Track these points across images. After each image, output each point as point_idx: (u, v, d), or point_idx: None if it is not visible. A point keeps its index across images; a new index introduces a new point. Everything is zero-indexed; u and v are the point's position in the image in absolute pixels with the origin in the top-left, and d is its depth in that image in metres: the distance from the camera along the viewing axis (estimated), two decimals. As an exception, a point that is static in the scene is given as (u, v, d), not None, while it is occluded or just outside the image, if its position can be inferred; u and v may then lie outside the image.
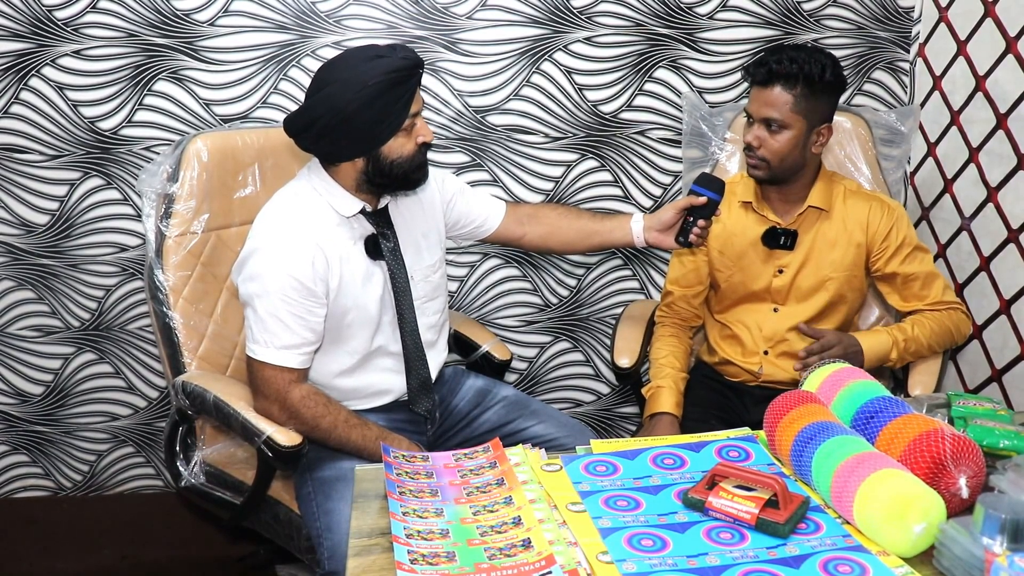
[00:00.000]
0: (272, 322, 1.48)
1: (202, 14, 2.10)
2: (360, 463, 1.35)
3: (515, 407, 1.74)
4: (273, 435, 1.46)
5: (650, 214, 1.78)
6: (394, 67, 1.45)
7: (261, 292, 1.49)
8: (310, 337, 1.52)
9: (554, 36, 2.22)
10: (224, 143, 1.77)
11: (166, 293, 1.68)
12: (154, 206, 1.70)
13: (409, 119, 1.50)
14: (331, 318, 1.55)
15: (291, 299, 1.48)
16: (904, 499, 1.03)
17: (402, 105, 1.48)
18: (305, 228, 1.51)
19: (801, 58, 1.68)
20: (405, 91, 1.47)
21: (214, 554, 2.27)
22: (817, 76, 1.68)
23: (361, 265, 1.57)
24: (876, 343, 1.76)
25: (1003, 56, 1.99)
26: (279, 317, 1.48)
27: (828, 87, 1.71)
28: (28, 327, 2.23)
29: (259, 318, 1.49)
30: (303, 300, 1.49)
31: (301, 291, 1.48)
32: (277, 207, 1.56)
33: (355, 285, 1.56)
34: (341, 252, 1.54)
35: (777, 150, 1.72)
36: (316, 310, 1.51)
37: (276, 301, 1.47)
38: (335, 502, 1.45)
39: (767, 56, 1.72)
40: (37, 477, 2.34)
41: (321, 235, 1.52)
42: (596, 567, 1.01)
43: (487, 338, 1.97)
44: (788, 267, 1.84)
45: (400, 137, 1.51)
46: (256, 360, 1.51)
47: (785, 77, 1.68)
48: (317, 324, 1.52)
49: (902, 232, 1.80)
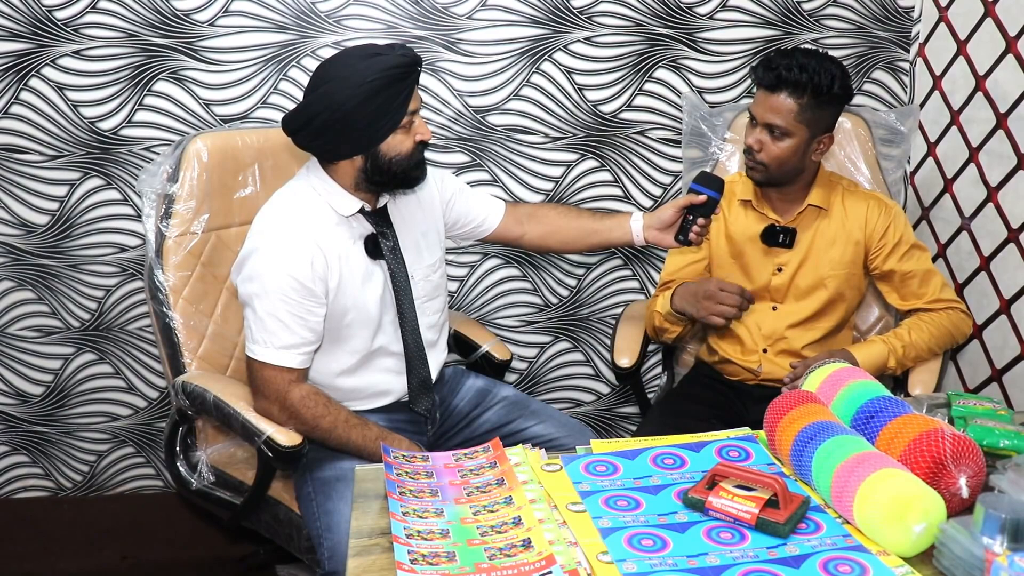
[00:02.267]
0: (271, 322, 1.48)
1: (202, 14, 2.10)
2: (361, 463, 1.35)
3: (515, 407, 1.74)
4: (273, 435, 1.46)
5: (649, 213, 1.78)
6: (392, 64, 1.45)
7: (260, 292, 1.49)
8: (309, 337, 1.52)
9: (554, 36, 2.22)
10: (224, 143, 1.77)
11: (166, 293, 1.68)
12: (154, 206, 1.69)
13: (407, 117, 1.50)
14: (331, 318, 1.55)
15: (290, 299, 1.48)
16: (904, 499, 1.03)
17: (400, 102, 1.48)
18: (304, 228, 1.51)
19: (812, 66, 1.65)
20: (403, 88, 1.47)
21: (214, 554, 2.27)
22: (825, 87, 1.66)
23: (361, 265, 1.57)
24: (871, 355, 1.75)
25: (1003, 56, 1.99)
26: (278, 317, 1.48)
27: (835, 98, 1.70)
28: (28, 327, 2.23)
29: (258, 318, 1.49)
30: (302, 300, 1.49)
31: (300, 291, 1.48)
32: (276, 207, 1.56)
33: (355, 285, 1.56)
34: (340, 251, 1.54)
35: (777, 156, 1.72)
36: (315, 310, 1.51)
37: (275, 301, 1.47)
38: (335, 502, 1.45)
39: (778, 60, 1.69)
40: (37, 477, 2.34)
41: (320, 234, 1.52)
42: (596, 567, 1.01)
43: (487, 338, 1.97)
44: (787, 265, 1.84)
45: (399, 135, 1.51)
46: (256, 360, 1.51)
47: (794, 85, 1.66)
48: (316, 324, 1.52)
49: (899, 230, 1.81)
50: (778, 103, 1.68)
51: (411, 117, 1.51)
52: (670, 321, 1.85)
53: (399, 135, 1.51)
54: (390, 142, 1.51)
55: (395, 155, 1.51)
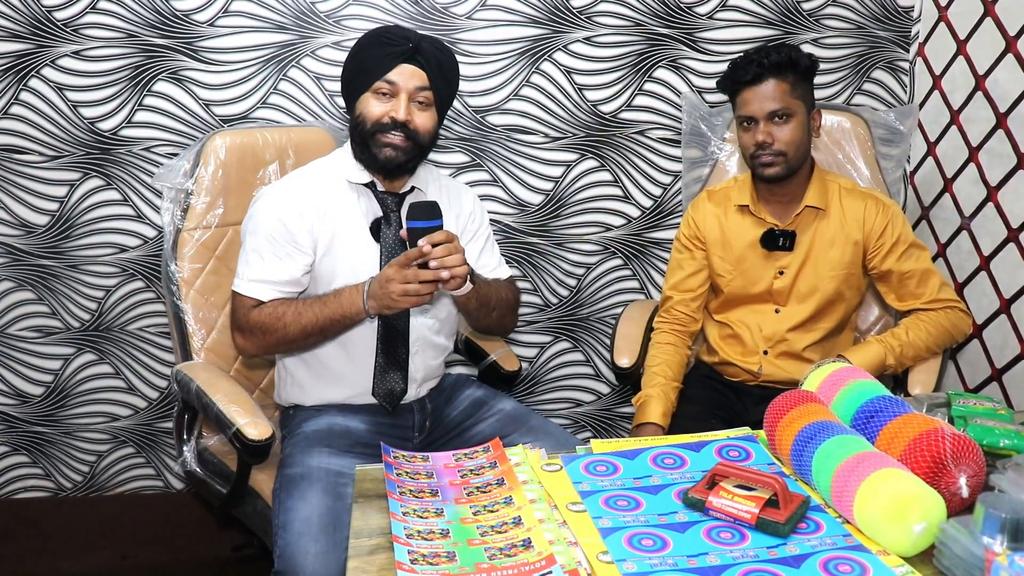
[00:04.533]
0: (253, 257, 1.58)
1: (202, 14, 2.10)
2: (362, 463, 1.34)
3: (512, 421, 1.68)
4: (243, 427, 1.47)
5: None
6: (384, 30, 1.61)
7: (252, 230, 1.59)
8: (284, 277, 1.58)
9: (554, 36, 2.22)
10: (244, 140, 1.84)
11: (177, 284, 1.75)
12: (172, 199, 1.78)
13: (386, 84, 1.56)
14: (318, 278, 1.60)
15: (274, 240, 1.57)
16: (904, 499, 1.03)
17: (378, 65, 1.56)
18: (305, 184, 1.62)
19: (782, 51, 1.74)
20: (387, 54, 1.56)
21: (214, 554, 2.27)
22: (801, 61, 1.75)
23: (361, 237, 1.61)
24: (868, 357, 1.75)
25: (1003, 56, 1.99)
26: (260, 253, 1.58)
27: (809, 71, 1.78)
28: (28, 328, 2.23)
29: (244, 253, 1.60)
30: (285, 244, 1.57)
31: (284, 234, 1.57)
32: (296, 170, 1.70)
33: (346, 251, 1.60)
34: (341, 215, 1.61)
35: (791, 139, 1.74)
36: (297, 257, 1.58)
37: (261, 239, 1.57)
38: (295, 500, 1.42)
39: (747, 59, 1.75)
40: (37, 478, 2.34)
41: (321, 193, 1.61)
42: (596, 567, 1.01)
43: (498, 347, 1.95)
44: (788, 268, 1.84)
45: (372, 99, 1.57)
46: (233, 293, 1.60)
47: (776, 68, 1.73)
48: (296, 270, 1.59)
49: (897, 229, 1.81)
50: (770, 90, 1.73)
51: (391, 88, 1.56)
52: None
53: (372, 99, 1.57)
54: (363, 101, 1.58)
55: (360, 114, 1.58)
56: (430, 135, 1.61)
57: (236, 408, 1.51)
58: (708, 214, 1.91)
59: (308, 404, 1.68)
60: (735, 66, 1.78)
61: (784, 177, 1.78)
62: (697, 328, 1.97)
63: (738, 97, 1.78)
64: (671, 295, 1.95)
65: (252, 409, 1.52)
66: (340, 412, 1.65)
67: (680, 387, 1.85)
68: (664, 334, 1.93)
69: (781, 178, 1.78)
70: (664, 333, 1.93)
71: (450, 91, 1.65)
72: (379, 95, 1.57)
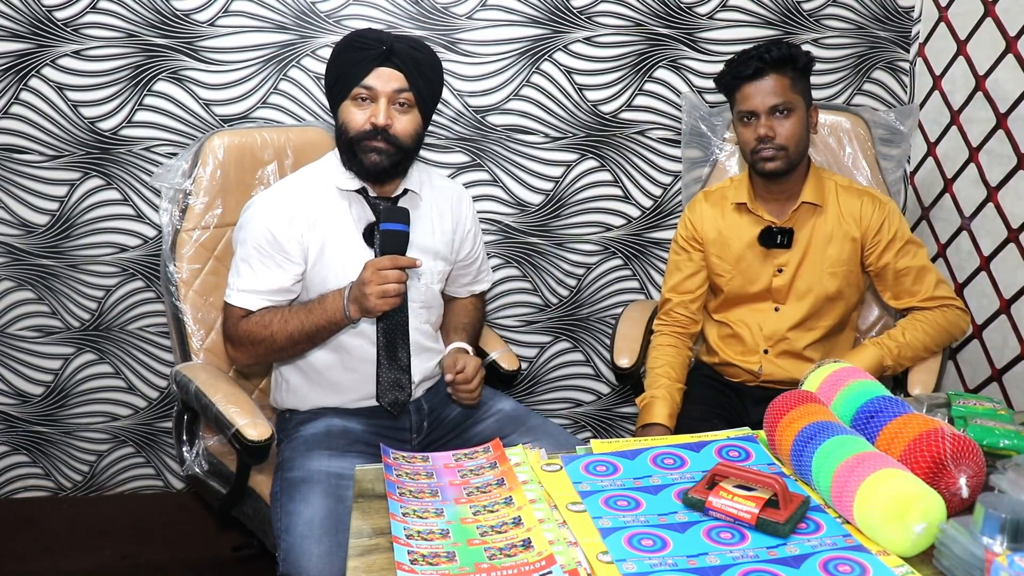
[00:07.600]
0: (243, 267, 1.58)
1: (202, 14, 2.10)
2: (362, 464, 1.34)
3: (511, 422, 1.68)
4: (243, 428, 1.47)
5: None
6: (356, 34, 1.60)
7: (241, 240, 1.60)
8: (274, 286, 1.58)
9: (554, 36, 2.22)
10: (242, 141, 1.83)
11: (176, 284, 1.75)
12: (171, 200, 1.77)
13: (364, 90, 1.55)
14: (311, 287, 1.60)
15: (263, 250, 1.57)
16: (904, 499, 1.03)
17: (356, 70, 1.55)
18: (294, 192, 1.61)
19: (782, 47, 1.76)
20: (362, 58, 1.55)
21: (214, 554, 2.27)
22: (799, 57, 1.76)
23: (354, 244, 1.60)
24: (865, 360, 1.74)
25: (1003, 56, 1.99)
26: (249, 263, 1.58)
27: (807, 67, 1.79)
28: (28, 327, 2.23)
29: (234, 263, 1.61)
30: (274, 253, 1.57)
31: (273, 244, 1.57)
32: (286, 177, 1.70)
33: (338, 259, 1.59)
34: (332, 223, 1.60)
35: (792, 133, 1.75)
36: (287, 267, 1.58)
37: (250, 249, 1.57)
38: (297, 503, 1.43)
39: (745, 55, 1.77)
40: (37, 477, 2.34)
41: (311, 201, 1.60)
42: (596, 567, 1.01)
43: (498, 346, 1.95)
44: (787, 266, 1.84)
45: (352, 106, 1.57)
46: (224, 304, 1.60)
47: (776, 63, 1.74)
48: (286, 279, 1.58)
49: (894, 226, 1.81)
50: (771, 85, 1.74)
51: (369, 93, 1.55)
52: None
53: (352, 107, 1.57)
54: (344, 109, 1.58)
55: (343, 123, 1.58)
56: (413, 138, 1.59)
57: (235, 409, 1.51)
58: (705, 215, 1.91)
59: (304, 409, 1.68)
60: (735, 62, 1.78)
61: (784, 172, 1.78)
62: (697, 329, 1.97)
63: (738, 93, 1.78)
64: (670, 297, 1.95)
65: (251, 410, 1.52)
66: (336, 415, 1.65)
67: (683, 389, 1.86)
68: (665, 336, 1.93)
69: (781, 173, 1.78)
70: (665, 335, 1.93)
71: (432, 90, 1.62)
72: (359, 101, 1.56)
